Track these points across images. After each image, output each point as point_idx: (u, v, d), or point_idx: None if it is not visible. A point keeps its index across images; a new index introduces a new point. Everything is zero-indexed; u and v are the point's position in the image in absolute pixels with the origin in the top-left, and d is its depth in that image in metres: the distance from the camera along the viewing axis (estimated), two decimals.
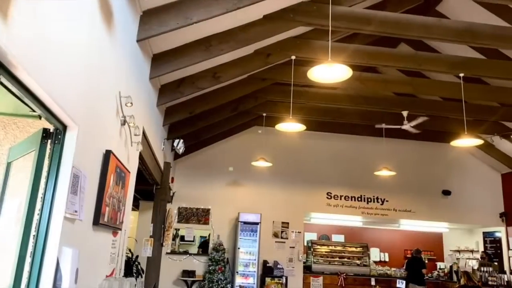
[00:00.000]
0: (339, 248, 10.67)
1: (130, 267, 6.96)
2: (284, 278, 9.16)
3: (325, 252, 10.51)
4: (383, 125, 8.76)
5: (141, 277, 6.96)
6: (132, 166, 4.24)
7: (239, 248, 9.14)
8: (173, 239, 9.56)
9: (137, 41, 4.00)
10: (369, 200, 10.35)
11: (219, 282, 8.78)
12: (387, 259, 12.38)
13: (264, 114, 8.68)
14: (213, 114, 7.41)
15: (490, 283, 9.30)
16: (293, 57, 6.08)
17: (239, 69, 6.00)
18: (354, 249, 10.66)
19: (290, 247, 9.76)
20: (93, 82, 2.71)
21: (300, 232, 9.93)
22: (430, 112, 8.37)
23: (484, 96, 7.71)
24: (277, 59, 6.13)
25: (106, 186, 3.05)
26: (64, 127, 2.38)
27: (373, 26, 5.15)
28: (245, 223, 9.25)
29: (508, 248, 10.35)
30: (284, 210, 9.91)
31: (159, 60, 4.86)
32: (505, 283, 9.28)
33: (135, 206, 9.23)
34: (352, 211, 10.33)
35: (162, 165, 6.83)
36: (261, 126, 9.18)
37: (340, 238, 12.50)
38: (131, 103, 3.39)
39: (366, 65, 6.44)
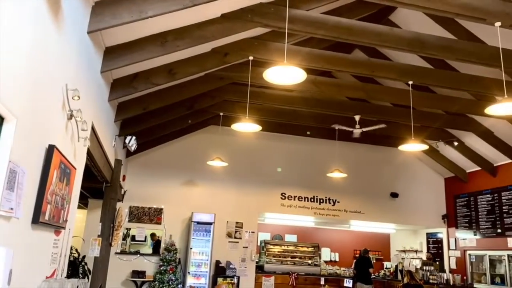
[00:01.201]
0: (291, 248, 10.83)
1: (76, 268, 6.68)
2: (236, 278, 9.16)
3: (278, 252, 10.63)
4: (337, 126, 8.98)
5: (88, 278, 6.70)
6: (79, 163, 4.06)
7: (191, 248, 9.03)
8: (124, 239, 9.29)
9: (88, 32, 3.84)
10: (321, 201, 10.60)
11: (170, 283, 8.63)
12: (337, 259, 12.71)
13: (221, 114, 8.64)
14: (168, 112, 7.27)
15: (431, 281, 9.81)
16: (251, 58, 6.09)
17: (195, 67, 5.93)
18: (305, 249, 10.86)
19: (244, 247, 9.78)
20: (36, 73, 2.56)
21: (253, 232, 9.97)
22: (381, 117, 8.70)
23: (430, 103, 8.12)
24: (234, 58, 6.12)
25: (48, 183, 2.90)
26: (1, 119, 2.23)
27: (328, 31, 5.27)
28: (198, 223, 9.16)
29: (449, 248, 10.98)
30: (238, 210, 9.91)
31: (112, 53, 4.70)
32: (445, 281, 9.83)
33: (84, 204, 8.88)
34: (305, 212, 10.53)
35: (113, 162, 6.61)
36: (217, 126, 9.13)
37: (293, 238, 12.69)
38: (79, 96, 3.25)
39: (321, 69, 6.58)
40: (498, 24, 4.83)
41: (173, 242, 9.13)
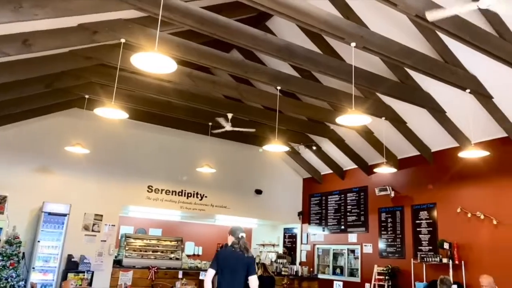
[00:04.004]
0: (154, 242, 10.59)
1: None
2: (90, 273, 8.58)
3: (139, 246, 10.29)
4: (215, 130, 9.11)
5: None
6: None
7: (39, 241, 8.15)
8: None
9: None
10: (189, 195, 10.62)
11: (9, 280, 7.63)
12: (200, 253, 12.91)
13: (87, 96, 7.97)
14: (21, 87, 6.42)
15: (283, 273, 10.63)
16: (123, 40, 5.75)
17: (57, 41, 5.35)
18: (169, 243, 10.75)
19: (102, 240, 9.21)
20: None
21: (114, 225, 9.47)
22: (251, 117, 9.10)
23: (295, 109, 8.77)
24: (104, 38, 5.70)
25: None
26: None
27: (205, 26, 5.28)
28: (50, 214, 8.31)
29: (301, 243, 12.06)
30: (99, 201, 9.29)
31: None
32: (294, 273, 10.76)
33: None
34: (172, 205, 10.42)
35: None
36: (81, 109, 8.41)
37: (158, 232, 12.46)
38: None
39: (197, 63, 6.55)
40: (353, 44, 5.46)
41: (16, 235, 8.08)
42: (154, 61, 3.87)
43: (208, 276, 4.06)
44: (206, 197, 10.84)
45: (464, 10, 4.15)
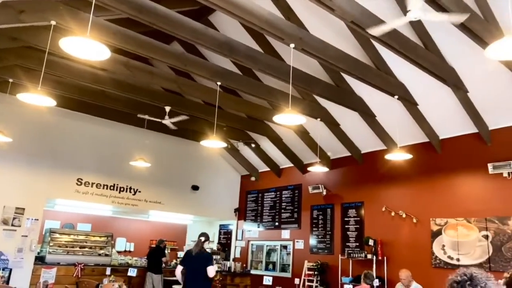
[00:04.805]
0: (82, 237, 10.07)
1: None
2: (7, 270, 7.96)
3: (66, 241, 9.73)
4: (146, 116, 8.84)
5: None
6: None
7: None
8: None
9: None
10: (122, 189, 10.23)
11: None
12: (132, 249, 12.53)
13: (11, 80, 7.38)
14: None
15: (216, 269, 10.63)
16: (53, 23, 5.38)
17: None
18: (98, 238, 10.28)
19: (23, 235, 8.58)
20: None
21: (37, 220, 8.86)
22: (191, 112, 8.97)
23: (235, 106, 8.81)
24: (32, 19, 5.29)
25: None
26: None
27: (143, 15, 5.11)
28: None
29: (236, 239, 12.14)
30: (21, 194, 8.64)
31: None
32: (227, 269, 10.81)
33: None
34: (102, 200, 9.98)
35: None
36: (5, 94, 7.76)
37: (87, 227, 11.90)
38: None
39: (134, 52, 6.31)
40: (292, 45, 5.58)
41: None
42: (86, 46, 3.68)
43: (178, 270, 5.66)
44: (139, 192, 10.51)
45: (401, 22, 4.40)
